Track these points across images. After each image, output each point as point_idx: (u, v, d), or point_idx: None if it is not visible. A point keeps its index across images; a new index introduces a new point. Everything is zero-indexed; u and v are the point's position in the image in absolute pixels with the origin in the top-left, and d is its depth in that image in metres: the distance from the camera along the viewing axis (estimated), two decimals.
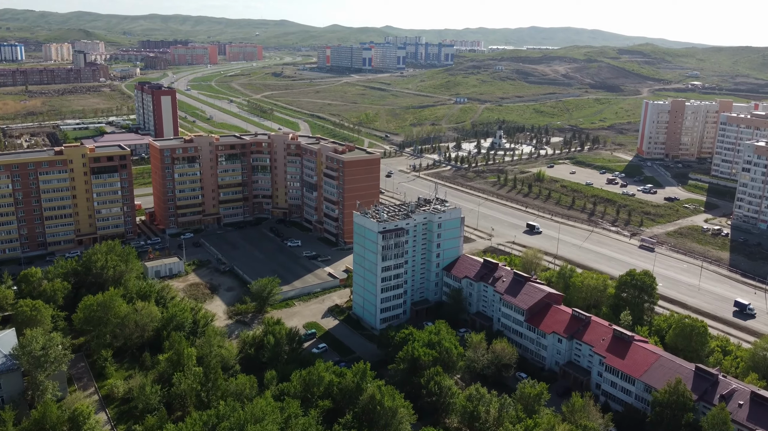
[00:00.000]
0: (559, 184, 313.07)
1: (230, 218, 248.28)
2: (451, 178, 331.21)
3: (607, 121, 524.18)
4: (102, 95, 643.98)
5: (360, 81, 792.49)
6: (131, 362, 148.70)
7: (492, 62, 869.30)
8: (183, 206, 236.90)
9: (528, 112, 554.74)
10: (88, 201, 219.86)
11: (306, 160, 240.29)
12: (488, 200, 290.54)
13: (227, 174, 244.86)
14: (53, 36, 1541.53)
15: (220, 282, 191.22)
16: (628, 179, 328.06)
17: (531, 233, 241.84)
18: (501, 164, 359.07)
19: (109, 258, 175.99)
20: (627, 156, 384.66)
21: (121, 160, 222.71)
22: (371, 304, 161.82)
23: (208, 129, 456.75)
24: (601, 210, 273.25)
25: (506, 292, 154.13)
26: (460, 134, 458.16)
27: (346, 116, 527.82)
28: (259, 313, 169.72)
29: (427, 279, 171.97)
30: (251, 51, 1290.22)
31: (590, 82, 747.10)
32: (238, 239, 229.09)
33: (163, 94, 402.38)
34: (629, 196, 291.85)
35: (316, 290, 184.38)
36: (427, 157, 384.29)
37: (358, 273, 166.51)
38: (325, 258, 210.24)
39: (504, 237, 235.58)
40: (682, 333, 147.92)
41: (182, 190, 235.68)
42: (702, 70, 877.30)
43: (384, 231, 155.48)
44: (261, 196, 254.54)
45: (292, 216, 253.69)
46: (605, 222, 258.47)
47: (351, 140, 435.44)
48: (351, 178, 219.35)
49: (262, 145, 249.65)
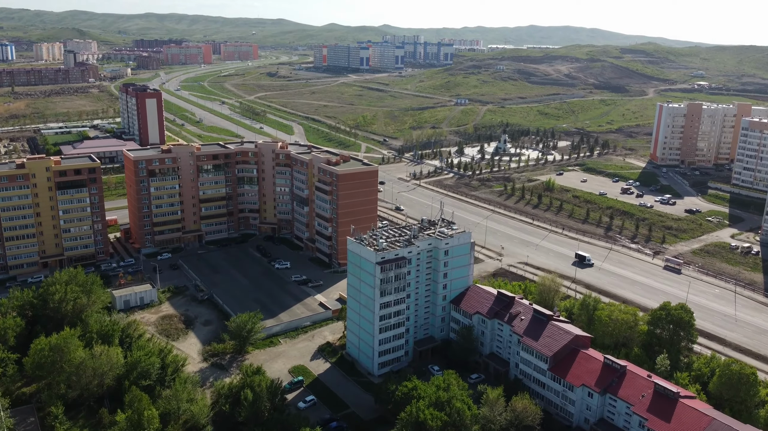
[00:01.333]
0: (571, 193, 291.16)
1: (213, 235, 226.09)
2: (453, 187, 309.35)
3: (614, 123, 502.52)
4: (89, 97, 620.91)
5: (357, 81, 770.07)
6: (88, 417, 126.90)
7: (492, 62, 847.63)
8: (160, 223, 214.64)
9: (532, 114, 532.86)
10: (53, 219, 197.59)
11: (296, 172, 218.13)
12: (495, 212, 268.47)
13: (210, 187, 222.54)
14: (46, 35, 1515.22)
15: (196, 314, 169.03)
16: (644, 188, 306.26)
17: (581, 265, 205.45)
18: (507, 171, 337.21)
19: (69, 289, 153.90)
20: (640, 162, 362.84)
21: (91, 174, 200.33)
22: (368, 345, 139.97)
23: (197, 133, 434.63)
24: (618, 224, 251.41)
25: (526, 334, 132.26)
26: (462, 138, 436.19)
27: (343, 119, 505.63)
28: (239, 354, 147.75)
29: (433, 313, 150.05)
30: (247, 50, 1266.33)
31: (594, 82, 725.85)
32: (220, 260, 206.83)
33: (148, 97, 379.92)
34: (647, 208, 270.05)
35: (305, 324, 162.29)
36: (428, 163, 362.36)
37: (352, 308, 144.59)
38: (316, 283, 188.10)
39: (515, 257, 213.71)
40: (728, 382, 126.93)
41: (159, 206, 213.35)
42: (707, 70, 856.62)
43: (383, 261, 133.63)
44: (247, 210, 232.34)
45: (282, 233, 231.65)
46: (624, 238, 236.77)
47: (347, 145, 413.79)
48: (345, 193, 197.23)
49: (248, 154, 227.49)
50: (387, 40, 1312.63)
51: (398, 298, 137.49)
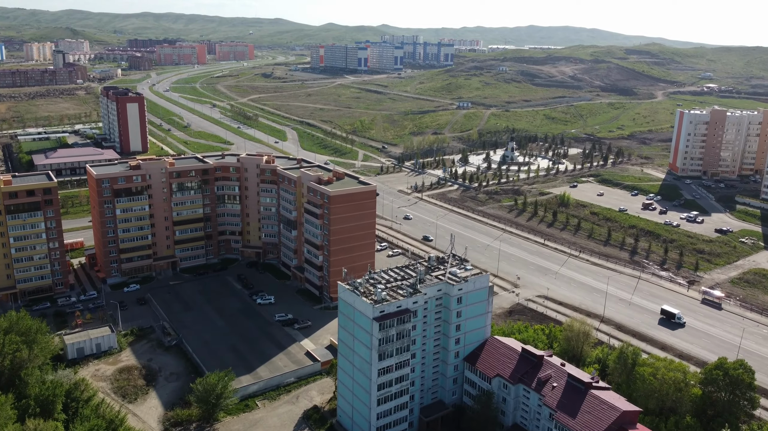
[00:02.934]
0: (588, 209, 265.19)
1: (189, 261, 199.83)
2: (459, 201, 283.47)
3: (626, 128, 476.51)
4: (75, 99, 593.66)
5: (355, 83, 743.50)
6: None
7: (494, 62, 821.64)
8: (128, 249, 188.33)
9: (538, 118, 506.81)
10: (3, 247, 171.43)
11: (284, 190, 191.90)
12: (506, 231, 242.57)
13: (185, 207, 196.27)
14: (39, 35, 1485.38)
15: (161, 365, 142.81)
16: (667, 203, 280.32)
17: (670, 325, 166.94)
18: (516, 183, 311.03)
19: (7, 340, 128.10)
20: (658, 173, 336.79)
21: (46, 195, 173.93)
22: (363, 417, 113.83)
23: (184, 139, 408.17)
24: (644, 246, 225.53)
25: (560, 407, 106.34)
26: (465, 145, 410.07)
27: (339, 123, 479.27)
28: (207, 423, 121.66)
29: (443, 373, 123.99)
30: (242, 50, 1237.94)
31: (600, 84, 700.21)
32: (194, 294, 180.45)
33: (129, 101, 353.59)
34: (673, 227, 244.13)
35: (288, 380, 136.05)
36: (430, 173, 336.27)
37: (344, 369, 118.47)
38: (303, 324, 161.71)
39: (533, 288, 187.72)
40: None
41: (126, 230, 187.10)
42: (714, 72, 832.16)
43: (382, 317, 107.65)
44: (228, 232, 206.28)
45: (268, 258, 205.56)
46: (652, 264, 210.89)
47: (344, 152, 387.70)
48: (339, 217, 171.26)
49: (229, 169, 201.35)
50: (386, 40, 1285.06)
51: (401, 361, 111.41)
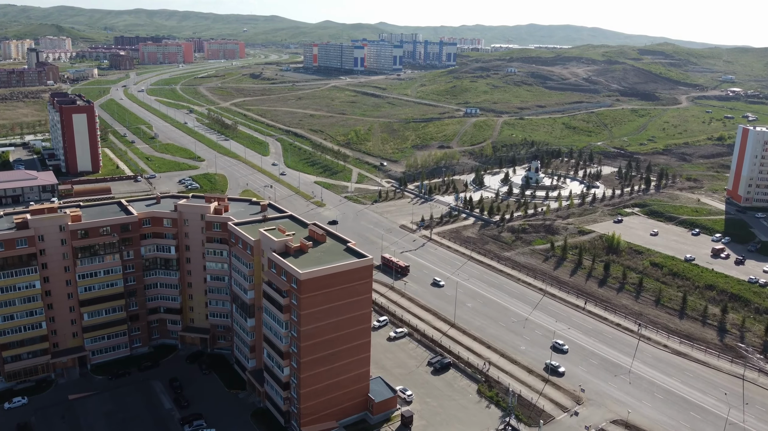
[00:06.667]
0: (646, 258, 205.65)
1: (105, 355, 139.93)
2: (478, 242, 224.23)
3: (657, 141, 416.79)
4: (38, 103, 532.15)
5: (350, 85, 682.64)
6: None
7: (500, 63, 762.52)
8: (12, 344, 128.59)
9: (557, 127, 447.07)
10: None
11: (236, 257, 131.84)
12: (546, 296, 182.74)
13: (97, 279, 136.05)
14: (23, 32, 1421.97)
15: None
16: (737, 246, 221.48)
17: None
18: (546, 216, 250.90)
19: None
20: (715, 202, 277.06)
21: None
22: None
23: (147, 153, 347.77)
24: (735, 321, 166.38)
25: None
26: (478, 161, 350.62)
27: (331, 133, 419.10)
28: None
29: None
30: (232, 48, 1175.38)
31: (618, 87, 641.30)
32: (98, 419, 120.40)
33: (75, 112, 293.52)
34: (761, 287, 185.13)
35: None
36: (439, 200, 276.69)
37: None
38: None
39: (603, 403, 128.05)
40: None
41: (9, 316, 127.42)
42: (735, 74, 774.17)
43: None
44: (163, 310, 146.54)
45: (218, 344, 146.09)
46: (753, 350, 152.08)
47: (335, 170, 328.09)
48: (314, 312, 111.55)
49: (162, 222, 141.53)
50: (384, 38, 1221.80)
51: None
